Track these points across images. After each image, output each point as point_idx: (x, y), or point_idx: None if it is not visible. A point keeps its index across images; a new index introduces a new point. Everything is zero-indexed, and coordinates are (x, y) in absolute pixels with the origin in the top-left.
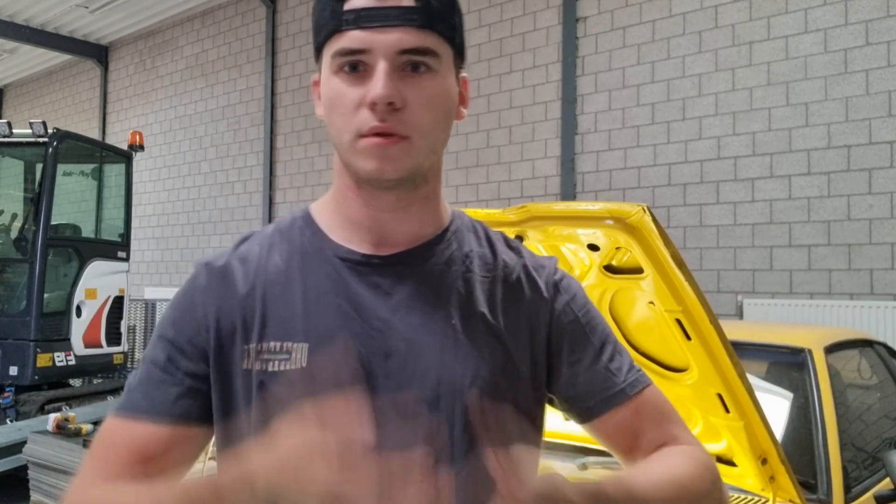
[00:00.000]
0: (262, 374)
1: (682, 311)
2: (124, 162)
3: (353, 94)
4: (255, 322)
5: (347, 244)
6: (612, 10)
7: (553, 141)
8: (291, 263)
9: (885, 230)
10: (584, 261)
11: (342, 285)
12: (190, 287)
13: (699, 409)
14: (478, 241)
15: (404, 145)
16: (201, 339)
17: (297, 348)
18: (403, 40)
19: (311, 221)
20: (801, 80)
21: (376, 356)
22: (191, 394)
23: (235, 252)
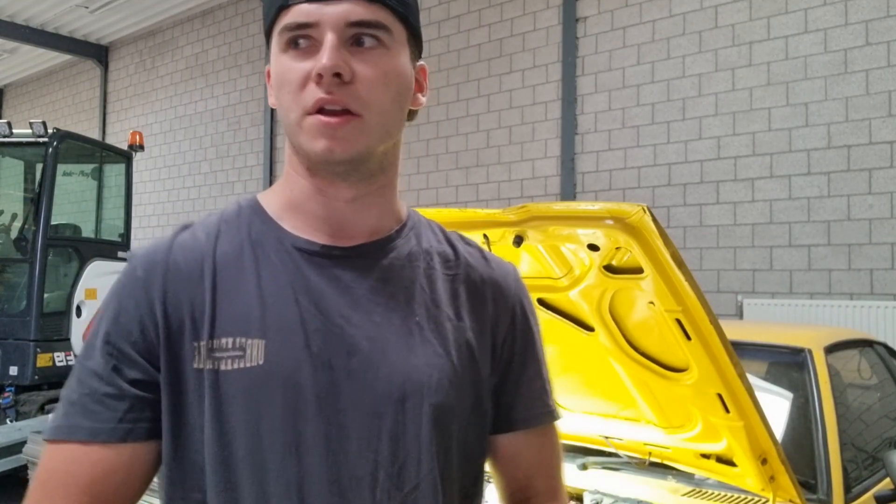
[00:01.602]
0: (214, 373)
1: (682, 311)
2: (124, 162)
3: (300, 70)
4: (204, 316)
5: (302, 234)
6: (612, 10)
7: (553, 141)
8: (242, 252)
9: (885, 230)
10: (584, 261)
11: (300, 277)
12: (127, 283)
13: (699, 409)
14: (436, 238)
15: (356, 123)
16: (148, 340)
17: (252, 344)
18: (352, 12)
19: (261, 210)
20: (801, 80)
21: (338, 354)
22: (140, 406)
23: (176, 240)
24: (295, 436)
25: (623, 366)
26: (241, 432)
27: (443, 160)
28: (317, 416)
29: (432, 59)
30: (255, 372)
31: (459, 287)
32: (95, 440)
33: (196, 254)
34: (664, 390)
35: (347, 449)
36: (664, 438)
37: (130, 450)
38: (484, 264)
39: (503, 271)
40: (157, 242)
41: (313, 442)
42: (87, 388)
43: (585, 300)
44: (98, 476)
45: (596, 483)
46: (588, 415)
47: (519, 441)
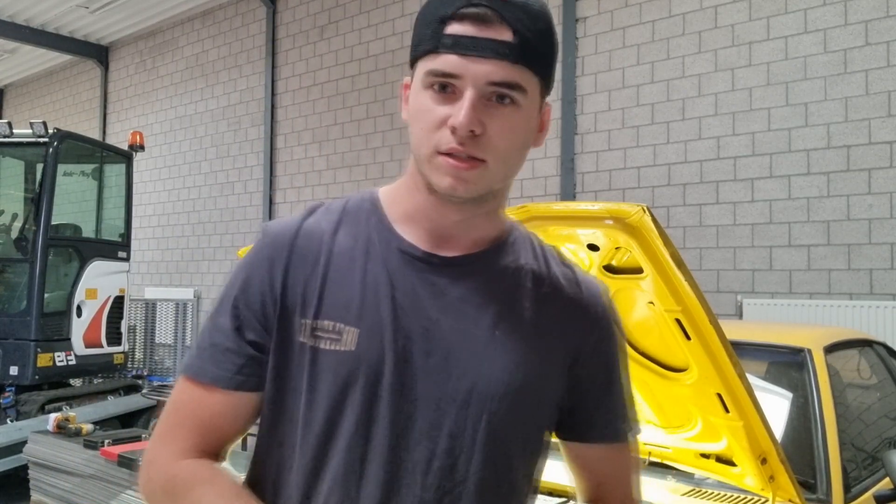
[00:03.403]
0: (314, 349)
1: (681, 311)
2: (125, 162)
3: (438, 113)
4: (314, 297)
5: (409, 238)
6: (611, 10)
7: (553, 141)
8: (356, 247)
9: (885, 230)
10: (584, 261)
11: (400, 278)
12: (257, 258)
13: (699, 409)
14: (534, 255)
15: (480, 169)
16: (266, 310)
17: (348, 331)
18: (494, 73)
19: (379, 208)
20: (800, 81)
21: (419, 352)
22: (253, 363)
23: (304, 224)
24: (367, 417)
25: None
26: (324, 404)
27: None
28: (389, 404)
29: None
30: (345, 356)
31: (547, 305)
32: (216, 384)
33: (317, 241)
34: (664, 390)
35: (409, 437)
36: (664, 438)
37: (240, 398)
38: (574, 286)
39: (592, 294)
40: (287, 223)
41: (382, 425)
42: (215, 339)
43: None
44: (214, 414)
45: None
46: None
47: (596, 453)
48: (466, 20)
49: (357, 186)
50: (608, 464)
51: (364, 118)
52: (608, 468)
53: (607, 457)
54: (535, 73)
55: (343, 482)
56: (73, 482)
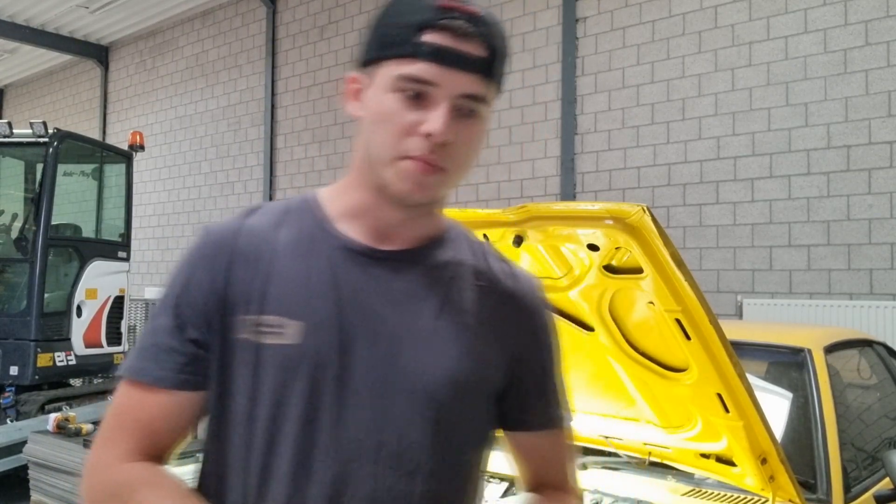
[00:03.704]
0: (258, 345)
1: (681, 311)
2: (125, 162)
3: (408, 118)
4: (257, 294)
5: (351, 234)
6: (611, 10)
7: (553, 141)
8: (299, 243)
9: (885, 230)
10: (584, 261)
11: (343, 272)
12: (198, 257)
13: (699, 409)
14: (472, 251)
15: (441, 176)
16: (208, 307)
17: (291, 325)
18: (469, 86)
19: (320, 207)
20: (800, 81)
21: (363, 344)
22: (197, 361)
23: (245, 224)
24: (311, 408)
25: (623, 366)
26: (269, 397)
27: None
28: (333, 395)
29: None
30: (289, 349)
31: (486, 298)
32: (158, 384)
33: (259, 239)
34: (664, 390)
35: (356, 427)
36: (664, 438)
37: (183, 397)
38: (512, 280)
39: (528, 288)
40: (229, 224)
41: (327, 417)
42: (157, 339)
43: (585, 300)
44: (156, 415)
45: (596, 483)
46: (588, 415)
47: (534, 440)
48: (445, 31)
49: None
50: (547, 450)
51: None
52: (547, 455)
53: (545, 444)
54: (497, 87)
55: (292, 476)
56: (73, 482)
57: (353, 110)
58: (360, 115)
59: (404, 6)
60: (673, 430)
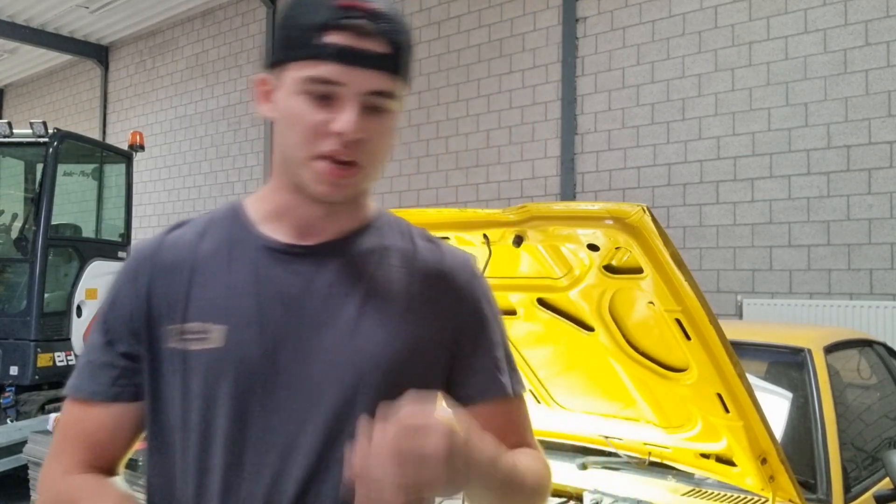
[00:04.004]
0: (183, 352)
1: (681, 311)
2: (125, 162)
3: (318, 118)
4: (180, 303)
5: (273, 234)
6: (612, 10)
7: (553, 141)
8: (219, 250)
9: (885, 230)
10: (584, 261)
11: (264, 272)
12: (123, 272)
13: (699, 409)
14: (401, 236)
15: (356, 173)
16: (134, 321)
17: (215, 329)
18: (375, 83)
19: (243, 212)
20: (800, 81)
21: (290, 339)
22: (129, 373)
23: (167, 238)
24: (241, 407)
25: (623, 366)
26: (199, 402)
27: (443, 160)
28: (262, 393)
29: (432, 59)
30: (214, 352)
31: (413, 279)
32: (94, 399)
33: (181, 251)
34: (664, 390)
35: (289, 420)
36: (664, 438)
37: (120, 409)
38: (439, 259)
39: (457, 264)
40: (151, 240)
41: (256, 414)
42: (90, 357)
43: (585, 300)
44: (96, 428)
45: (596, 483)
46: (588, 415)
47: (482, 412)
48: (346, 30)
49: None
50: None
51: None
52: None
53: (496, 413)
54: (403, 81)
55: (227, 477)
56: None
57: (265, 112)
58: (272, 117)
59: (305, 7)
60: (673, 430)
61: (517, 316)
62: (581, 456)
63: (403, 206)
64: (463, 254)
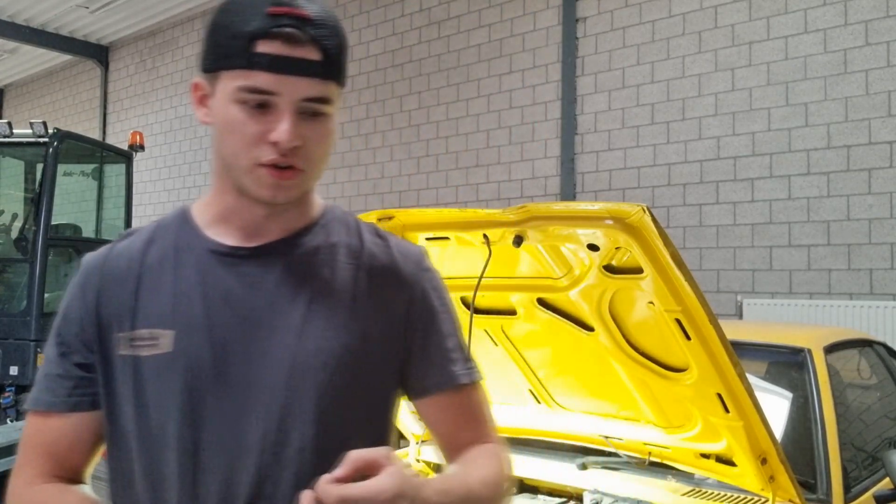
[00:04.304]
0: (135, 359)
1: (681, 311)
2: (125, 162)
3: (255, 128)
4: (128, 312)
5: (219, 238)
6: (612, 10)
7: (553, 141)
8: (166, 257)
9: (885, 230)
10: (584, 261)
11: (211, 276)
12: (73, 284)
13: (699, 409)
14: (347, 232)
15: (299, 177)
16: (86, 332)
17: (163, 335)
18: (308, 90)
19: (189, 218)
20: (800, 81)
21: (238, 341)
22: (83, 383)
23: (114, 248)
24: (194, 410)
25: (623, 366)
26: (153, 407)
27: (443, 160)
28: (214, 394)
29: (432, 59)
30: (164, 358)
31: (361, 275)
32: (52, 410)
33: (128, 260)
34: (664, 390)
35: (240, 420)
36: (664, 438)
37: (78, 419)
38: (387, 252)
39: (405, 256)
40: (99, 251)
41: (209, 415)
42: (47, 370)
43: (585, 300)
44: (56, 438)
45: (596, 483)
46: (588, 415)
47: (437, 403)
48: (277, 39)
49: (357, 186)
50: (458, 410)
51: (364, 118)
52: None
53: (448, 404)
54: (338, 84)
55: (182, 480)
56: None
57: (201, 117)
58: (208, 122)
59: (235, 14)
60: (673, 430)
61: (517, 316)
62: (581, 456)
63: (403, 206)
64: (413, 247)
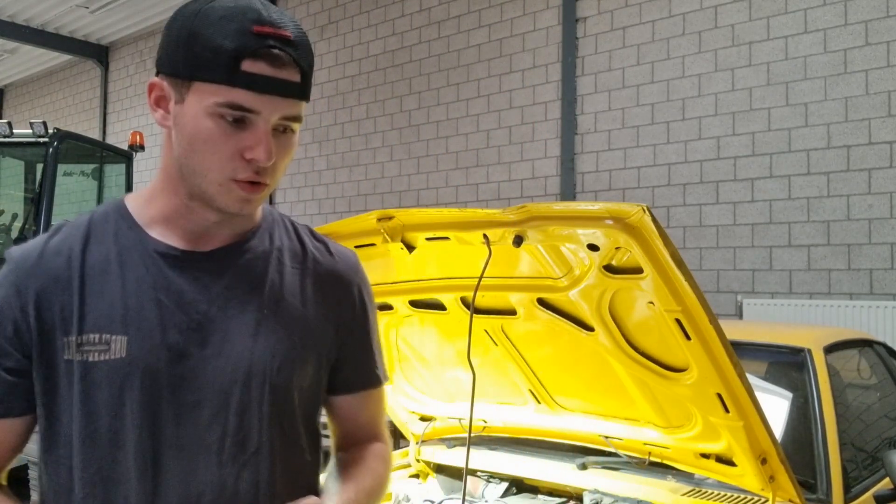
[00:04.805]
0: (83, 364)
1: (681, 311)
2: (125, 162)
3: (232, 144)
4: (73, 314)
5: (164, 239)
6: (612, 10)
7: (553, 141)
8: (109, 257)
9: (885, 230)
10: (584, 261)
11: (162, 279)
12: (4, 284)
13: (699, 409)
14: (287, 235)
15: (264, 191)
16: (21, 335)
17: (115, 340)
18: (286, 109)
19: (128, 215)
20: (800, 81)
21: (193, 344)
22: (14, 389)
23: (49, 245)
24: (151, 414)
25: (623, 366)
26: (105, 412)
27: (443, 160)
28: (171, 398)
29: (432, 59)
30: (117, 363)
31: (306, 279)
32: None
33: (65, 258)
34: (664, 390)
35: (198, 423)
36: (664, 438)
37: (6, 424)
38: (328, 258)
39: (345, 263)
40: (30, 247)
41: (167, 419)
42: None
43: (585, 300)
44: None
45: (596, 483)
46: (588, 415)
47: (352, 401)
48: (262, 60)
49: (357, 186)
50: (365, 409)
51: (364, 118)
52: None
53: (364, 403)
54: (307, 101)
55: (142, 482)
56: None
57: (159, 119)
58: (168, 126)
59: (218, 27)
60: (673, 430)
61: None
62: (581, 456)
63: (403, 206)
64: (349, 252)
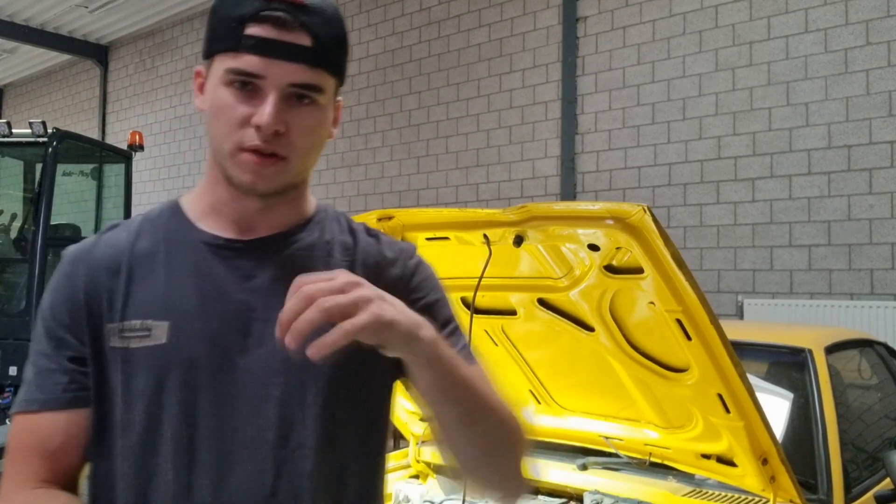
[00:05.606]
0: (125, 351)
1: (682, 311)
2: (124, 162)
3: (241, 111)
4: (118, 302)
5: (212, 230)
6: (612, 10)
7: (553, 141)
8: (157, 248)
9: (886, 230)
10: (585, 261)
11: (205, 268)
12: (58, 277)
13: (699, 409)
14: (340, 229)
15: (282, 165)
16: (76, 324)
17: (156, 326)
18: (296, 75)
19: (179, 211)
20: (801, 80)
21: (234, 334)
22: (77, 378)
23: (101, 239)
24: (189, 402)
25: (623, 366)
26: (144, 400)
27: (443, 160)
28: (210, 387)
29: (432, 59)
30: (157, 349)
31: (355, 270)
32: (46, 409)
33: (116, 250)
34: (664, 390)
35: (236, 414)
36: (664, 439)
37: (73, 416)
38: (378, 249)
39: (397, 253)
40: (85, 242)
41: (205, 408)
42: (37, 367)
43: (586, 300)
44: (48, 437)
45: (596, 483)
46: (588, 415)
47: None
48: (266, 22)
49: (357, 186)
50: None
51: (364, 118)
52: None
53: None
54: (331, 74)
55: (177, 474)
56: None
57: (199, 104)
58: (203, 109)
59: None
60: (673, 430)
61: (517, 316)
62: (581, 456)
63: (403, 206)
64: (404, 243)
